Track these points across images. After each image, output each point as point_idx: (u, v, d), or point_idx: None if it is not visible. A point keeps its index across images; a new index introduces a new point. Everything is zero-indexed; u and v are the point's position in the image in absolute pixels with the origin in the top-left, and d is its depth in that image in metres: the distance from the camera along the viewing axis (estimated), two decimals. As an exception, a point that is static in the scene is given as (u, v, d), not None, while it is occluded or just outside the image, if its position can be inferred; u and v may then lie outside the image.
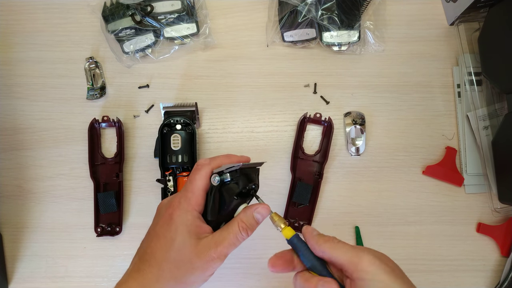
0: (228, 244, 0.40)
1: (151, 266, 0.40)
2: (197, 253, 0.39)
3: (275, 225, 0.42)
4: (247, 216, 0.42)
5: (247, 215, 0.42)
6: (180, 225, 0.40)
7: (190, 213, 0.41)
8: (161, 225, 0.41)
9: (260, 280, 0.62)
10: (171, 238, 0.40)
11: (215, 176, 0.42)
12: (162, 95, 0.66)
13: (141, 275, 0.40)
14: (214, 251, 0.40)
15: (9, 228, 0.63)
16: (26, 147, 0.64)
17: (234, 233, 0.41)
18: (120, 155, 0.63)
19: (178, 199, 0.42)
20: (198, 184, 0.42)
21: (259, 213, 0.42)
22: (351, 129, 0.65)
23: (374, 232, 0.63)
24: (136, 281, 0.40)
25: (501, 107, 0.63)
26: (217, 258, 0.40)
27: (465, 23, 0.65)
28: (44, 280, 0.62)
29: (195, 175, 0.42)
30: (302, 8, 0.64)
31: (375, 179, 0.65)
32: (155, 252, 0.40)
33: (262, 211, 0.42)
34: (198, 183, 0.42)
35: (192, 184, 0.42)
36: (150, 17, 0.64)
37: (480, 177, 0.64)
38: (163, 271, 0.39)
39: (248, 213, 0.42)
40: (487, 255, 0.63)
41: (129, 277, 0.41)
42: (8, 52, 0.67)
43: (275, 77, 0.67)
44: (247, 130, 0.66)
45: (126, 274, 0.41)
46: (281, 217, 0.42)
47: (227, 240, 0.40)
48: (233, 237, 0.41)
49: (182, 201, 0.41)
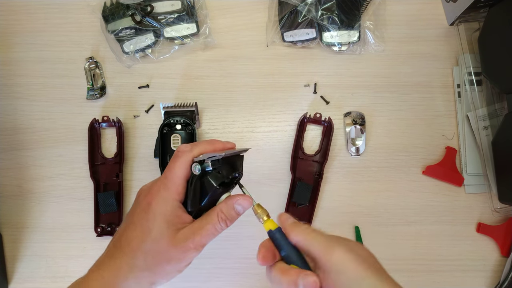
0: (206, 234, 0.39)
1: (125, 254, 0.39)
2: (174, 244, 0.38)
3: (257, 216, 0.40)
4: (228, 206, 0.40)
5: (227, 206, 0.40)
6: (158, 215, 0.39)
7: (169, 203, 0.39)
8: (138, 213, 0.40)
9: (259, 280, 0.62)
10: (148, 227, 0.39)
11: (196, 165, 0.40)
12: (162, 95, 0.66)
13: (114, 263, 0.39)
14: (191, 241, 0.39)
15: (9, 228, 0.63)
16: (26, 147, 0.64)
17: (212, 223, 0.40)
18: (120, 155, 0.63)
19: (157, 187, 0.40)
20: (178, 173, 0.40)
21: (240, 204, 0.40)
22: (351, 129, 0.65)
23: (374, 232, 0.63)
24: (108, 268, 0.39)
25: (501, 107, 0.63)
26: (193, 249, 0.39)
27: (465, 23, 0.65)
28: (44, 280, 0.62)
29: (174, 163, 0.40)
30: (302, 8, 0.64)
31: (375, 179, 0.65)
32: (130, 240, 0.39)
33: (244, 202, 0.40)
34: (177, 171, 0.40)
35: (172, 172, 0.40)
36: (150, 17, 0.64)
37: (480, 177, 0.64)
38: (137, 259, 0.38)
39: (229, 204, 0.40)
40: (487, 255, 0.63)
41: (102, 264, 0.40)
42: (8, 52, 0.67)
43: (275, 77, 0.67)
44: (247, 130, 0.66)
45: (99, 260, 0.40)
46: (264, 209, 0.40)
47: (204, 230, 0.39)
48: (211, 227, 0.39)
49: (161, 189, 0.40)
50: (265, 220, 0.40)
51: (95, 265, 0.40)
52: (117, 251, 0.40)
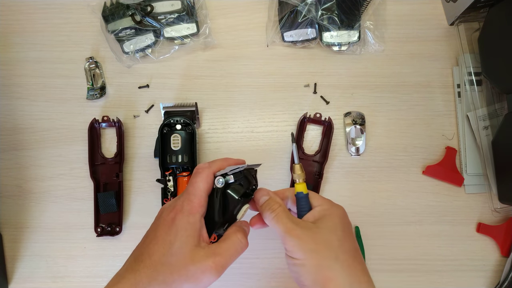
0: (227, 254, 0.41)
1: (146, 267, 0.39)
2: (194, 260, 0.39)
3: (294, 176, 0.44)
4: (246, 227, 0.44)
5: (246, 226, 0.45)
6: (181, 230, 0.40)
7: (192, 216, 0.41)
8: (161, 228, 0.41)
9: (259, 280, 0.62)
10: (170, 241, 0.40)
11: (219, 178, 0.43)
12: (162, 95, 0.66)
13: (133, 276, 0.39)
14: (212, 260, 0.39)
15: (9, 228, 0.63)
16: (26, 147, 0.64)
17: (233, 244, 0.41)
18: (120, 155, 0.63)
19: (181, 202, 0.42)
20: (200, 186, 0.42)
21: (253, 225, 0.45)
22: (351, 129, 0.65)
23: (374, 232, 0.63)
24: (129, 281, 0.39)
25: (501, 107, 0.63)
26: (213, 268, 0.39)
27: (465, 23, 0.65)
28: (44, 280, 0.62)
29: (196, 178, 0.42)
30: (302, 8, 0.64)
31: (375, 179, 0.65)
32: (152, 253, 0.40)
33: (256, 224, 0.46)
34: (200, 185, 0.42)
35: (194, 187, 0.42)
36: (150, 17, 0.64)
37: (480, 177, 0.64)
38: (157, 273, 0.39)
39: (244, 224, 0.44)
40: (487, 255, 0.63)
41: (122, 278, 0.40)
42: (8, 52, 0.67)
43: (275, 77, 0.67)
44: (247, 130, 0.66)
45: (118, 274, 0.41)
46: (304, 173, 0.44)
47: (224, 250, 0.41)
48: (231, 247, 0.41)
49: (185, 204, 0.41)
50: (300, 182, 0.44)
51: (114, 278, 0.41)
52: (137, 264, 0.40)
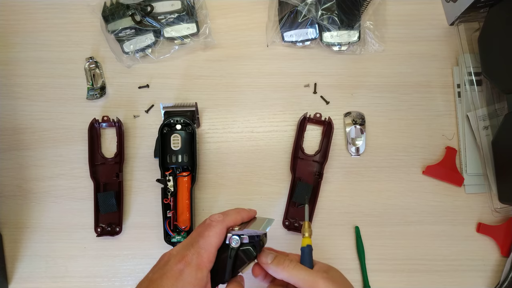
0: None
1: None
2: None
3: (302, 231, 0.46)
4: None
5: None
6: (188, 285, 0.40)
7: (200, 272, 0.41)
8: (168, 278, 0.41)
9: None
10: None
11: (235, 237, 0.43)
12: (162, 95, 0.66)
13: None
14: None
15: (9, 228, 0.63)
16: (26, 147, 0.64)
17: None
18: (120, 155, 0.63)
19: (191, 255, 0.42)
20: (212, 242, 0.42)
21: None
22: (351, 129, 0.65)
23: (374, 232, 0.63)
24: None
25: (501, 107, 0.63)
26: None
27: (465, 23, 0.65)
28: (44, 280, 0.62)
29: (209, 232, 0.43)
30: (302, 8, 0.64)
31: (375, 179, 0.65)
32: None
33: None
34: (212, 240, 0.42)
35: (206, 241, 0.42)
36: (150, 17, 0.64)
37: (480, 177, 0.64)
38: None
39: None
40: (487, 255, 0.63)
41: None
42: (8, 52, 0.67)
43: (275, 77, 0.67)
44: (247, 130, 0.66)
45: None
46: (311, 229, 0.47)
47: None
48: None
49: (194, 257, 0.41)
50: (306, 236, 0.46)
51: None
52: None
